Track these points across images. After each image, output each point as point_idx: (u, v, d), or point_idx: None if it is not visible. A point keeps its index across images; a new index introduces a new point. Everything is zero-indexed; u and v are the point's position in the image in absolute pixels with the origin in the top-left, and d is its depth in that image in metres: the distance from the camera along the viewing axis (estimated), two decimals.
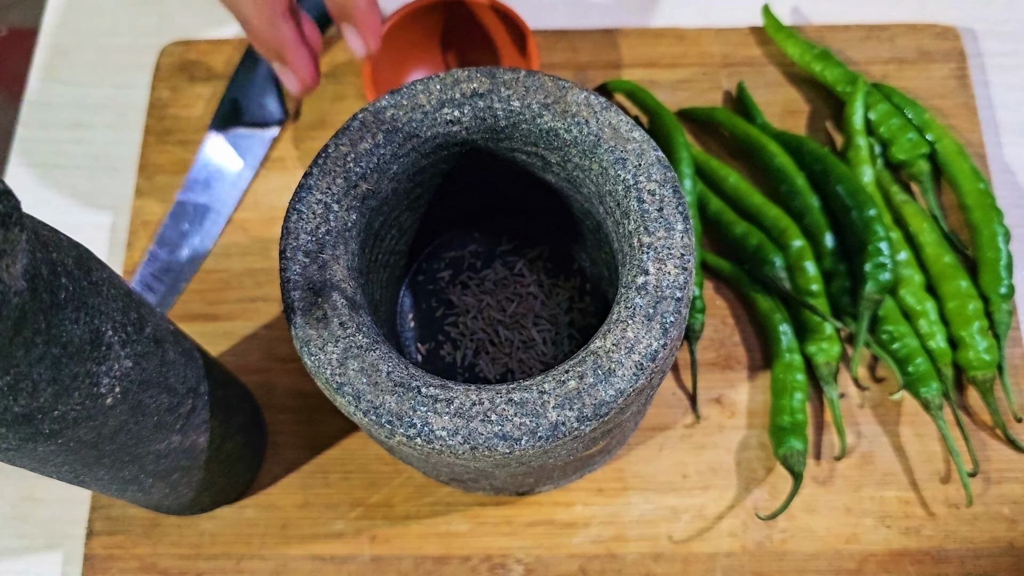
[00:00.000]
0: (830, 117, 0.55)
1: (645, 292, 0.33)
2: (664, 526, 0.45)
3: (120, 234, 0.53)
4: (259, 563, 0.45)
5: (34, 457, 0.31)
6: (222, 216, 0.53)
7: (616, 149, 0.35)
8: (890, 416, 0.47)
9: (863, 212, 0.48)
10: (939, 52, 0.56)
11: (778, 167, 0.51)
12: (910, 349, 0.47)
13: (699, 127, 0.55)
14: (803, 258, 0.48)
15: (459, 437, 0.31)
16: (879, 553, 0.45)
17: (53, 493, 0.47)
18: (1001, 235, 0.49)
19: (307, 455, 0.47)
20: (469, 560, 0.45)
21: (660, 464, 0.47)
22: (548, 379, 0.32)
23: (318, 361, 0.32)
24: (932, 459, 0.47)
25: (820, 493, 0.46)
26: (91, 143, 0.56)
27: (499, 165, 0.40)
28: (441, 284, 0.48)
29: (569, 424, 0.31)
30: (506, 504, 0.46)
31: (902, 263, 0.48)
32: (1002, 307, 0.48)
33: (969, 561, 0.44)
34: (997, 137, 0.55)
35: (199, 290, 0.51)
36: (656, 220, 0.34)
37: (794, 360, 0.47)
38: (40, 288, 0.26)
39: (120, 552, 0.45)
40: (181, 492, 0.41)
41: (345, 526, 0.46)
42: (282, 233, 0.35)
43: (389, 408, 0.32)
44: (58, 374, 0.27)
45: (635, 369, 0.32)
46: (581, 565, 0.45)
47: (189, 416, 0.37)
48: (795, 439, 0.45)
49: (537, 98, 0.36)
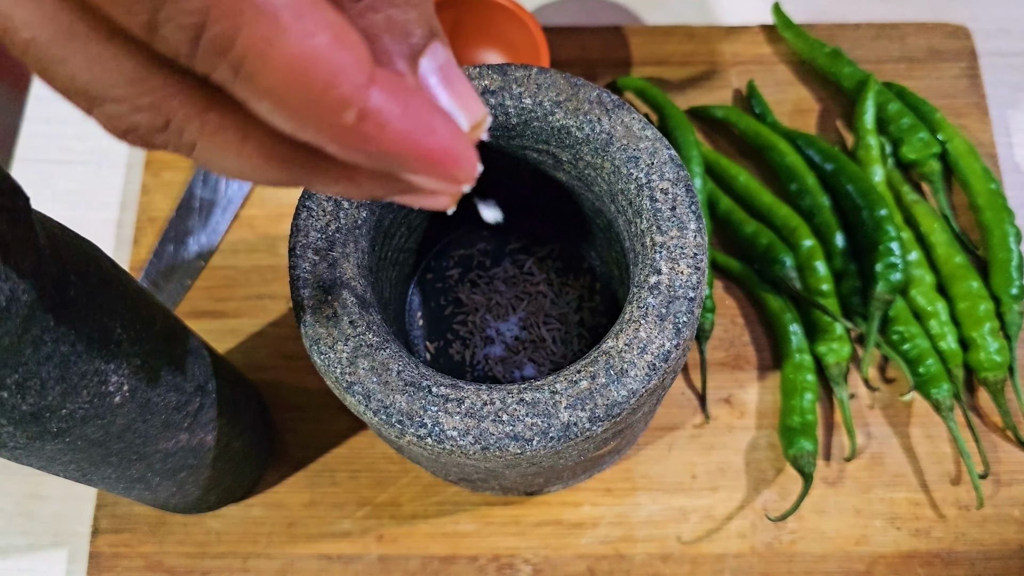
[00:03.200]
0: (840, 116, 0.55)
1: (658, 292, 0.33)
2: (673, 527, 0.45)
3: (126, 230, 0.53)
4: (265, 562, 0.45)
5: (42, 455, 0.30)
6: (229, 212, 0.52)
7: (628, 147, 0.35)
8: (900, 417, 0.47)
9: (874, 212, 0.48)
10: (950, 51, 0.56)
11: (788, 166, 0.51)
12: (921, 350, 0.47)
13: (709, 125, 0.55)
14: (813, 258, 0.48)
15: (470, 437, 0.31)
16: (889, 555, 0.44)
17: (58, 490, 0.47)
18: (1012, 236, 0.48)
19: (314, 454, 0.47)
20: (477, 560, 0.45)
21: (669, 464, 0.46)
22: (560, 379, 0.32)
23: (328, 360, 0.32)
24: (942, 460, 0.46)
25: (830, 494, 0.46)
26: (97, 139, 0.56)
27: (510, 163, 0.40)
28: (450, 282, 0.48)
29: (581, 425, 0.31)
30: (514, 504, 0.46)
31: (913, 263, 0.48)
32: (1013, 308, 0.47)
33: (979, 563, 0.44)
34: (1008, 137, 0.54)
35: (206, 287, 0.51)
36: (669, 219, 0.34)
37: (804, 360, 0.47)
38: (49, 286, 0.26)
39: (126, 550, 0.45)
40: (188, 490, 0.40)
41: (352, 525, 0.45)
42: (292, 230, 0.34)
43: (400, 408, 0.31)
44: (66, 372, 0.27)
45: (648, 369, 0.31)
46: (589, 565, 0.44)
47: (197, 414, 0.36)
48: (805, 440, 0.45)
49: (549, 95, 0.36)
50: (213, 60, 0.15)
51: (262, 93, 0.15)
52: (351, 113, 0.16)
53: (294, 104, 0.15)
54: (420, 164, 0.17)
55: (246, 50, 0.15)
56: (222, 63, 0.15)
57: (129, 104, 0.16)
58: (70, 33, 0.16)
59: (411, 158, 0.17)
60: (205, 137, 0.17)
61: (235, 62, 0.15)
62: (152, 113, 0.17)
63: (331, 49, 0.15)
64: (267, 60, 0.15)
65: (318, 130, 0.16)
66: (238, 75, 0.15)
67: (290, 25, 0.15)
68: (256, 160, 0.17)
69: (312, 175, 0.18)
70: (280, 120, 0.16)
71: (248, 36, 0.15)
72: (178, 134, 0.17)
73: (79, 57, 0.16)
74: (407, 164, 0.17)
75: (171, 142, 0.17)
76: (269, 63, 0.15)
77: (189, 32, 0.15)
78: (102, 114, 0.17)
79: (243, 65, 0.15)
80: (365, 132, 0.16)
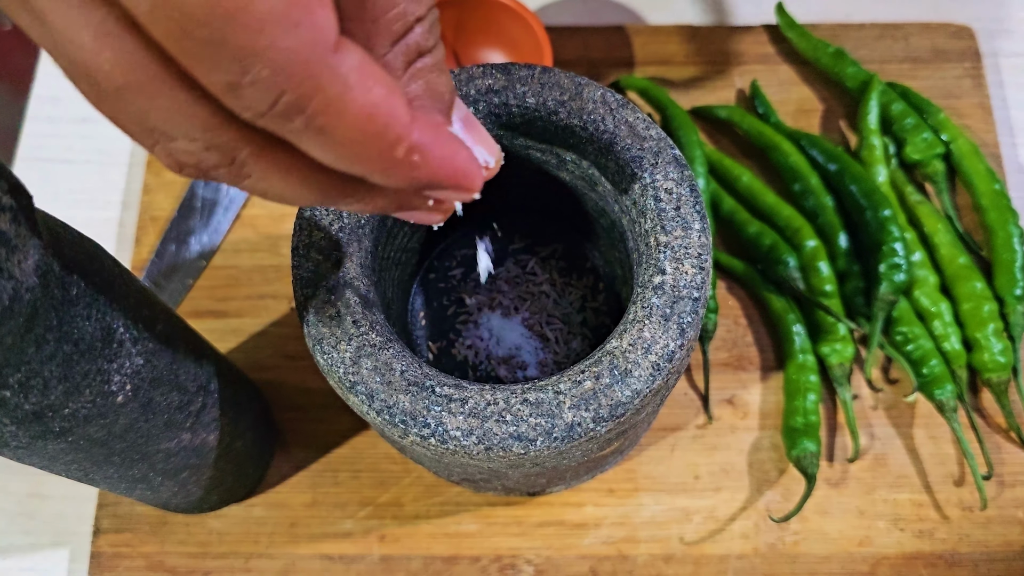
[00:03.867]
0: (844, 116, 0.55)
1: (662, 292, 0.32)
2: (675, 527, 0.45)
3: (128, 230, 0.53)
4: (267, 562, 0.45)
5: (44, 455, 0.30)
6: (231, 212, 0.52)
7: (632, 147, 0.35)
8: (904, 418, 0.47)
9: (877, 212, 0.48)
10: (954, 51, 0.56)
11: (792, 166, 0.51)
12: (924, 351, 0.46)
13: (712, 125, 0.55)
14: (817, 258, 0.48)
15: (473, 437, 0.31)
16: (892, 556, 0.44)
17: (60, 490, 0.47)
18: (1016, 236, 0.48)
19: (316, 454, 0.47)
20: (479, 560, 0.45)
21: (672, 465, 0.46)
22: (564, 379, 0.32)
23: (331, 359, 0.32)
24: (946, 462, 0.46)
25: (833, 495, 0.46)
26: (99, 138, 0.55)
27: (513, 162, 0.40)
28: (453, 282, 0.48)
29: (585, 425, 0.31)
30: (516, 504, 0.46)
31: (917, 264, 0.48)
32: (1017, 309, 0.47)
33: (983, 565, 0.44)
34: (1012, 137, 0.54)
35: (208, 287, 0.51)
36: (673, 219, 0.34)
37: (807, 361, 0.47)
38: (52, 284, 0.26)
39: (127, 550, 0.45)
40: (190, 490, 0.40)
41: (354, 525, 0.45)
42: (295, 229, 0.34)
43: (403, 407, 0.31)
44: (69, 371, 0.27)
45: (652, 370, 0.31)
46: (592, 566, 0.44)
47: (199, 414, 0.36)
48: (808, 440, 0.45)
49: (553, 95, 0.36)
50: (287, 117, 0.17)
51: (333, 141, 0.18)
52: (402, 148, 0.19)
53: (357, 146, 0.18)
54: (447, 183, 0.21)
55: (323, 107, 0.17)
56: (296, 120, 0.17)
57: (201, 145, 0.19)
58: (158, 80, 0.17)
59: (443, 178, 0.21)
60: (260, 171, 0.19)
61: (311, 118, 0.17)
62: (220, 153, 0.19)
63: (386, 100, 0.18)
64: (341, 116, 0.18)
65: (372, 163, 0.19)
66: (308, 127, 0.18)
67: (355, 83, 0.17)
68: (297, 187, 0.20)
69: (340, 196, 0.21)
70: (336, 157, 0.19)
71: (323, 98, 0.17)
72: (238, 169, 0.19)
73: (159, 102, 0.17)
74: (438, 183, 0.21)
75: (229, 175, 0.20)
76: (343, 117, 0.18)
77: (272, 95, 0.17)
78: (166, 150, 0.19)
79: (316, 120, 0.17)
80: (411, 162, 0.20)
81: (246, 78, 0.16)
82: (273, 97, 0.17)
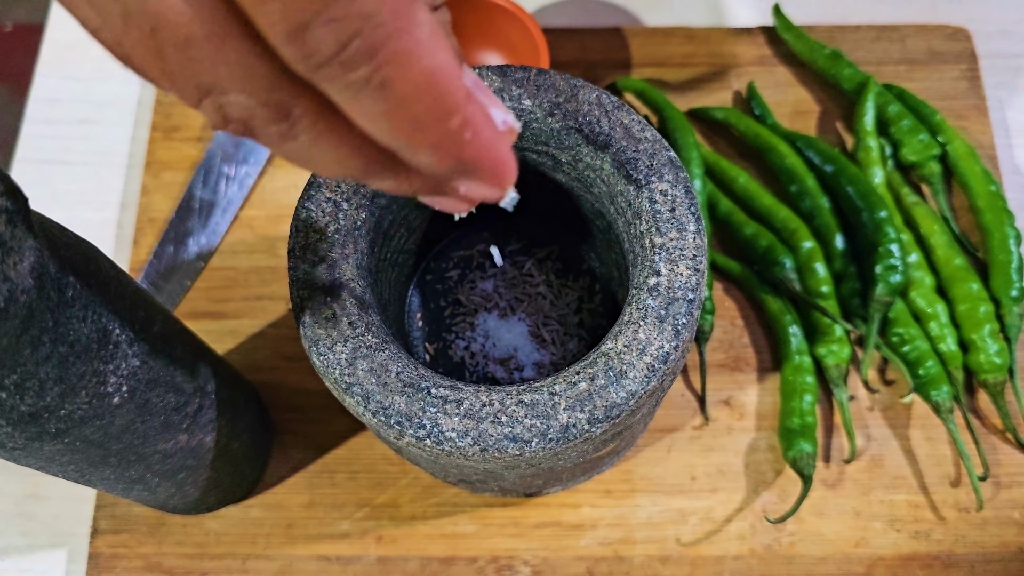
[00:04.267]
0: (840, 118, 0.55)
1: (657, 293, 0.33)
2: (672, 528, 0.45)
3: (126, 231, 0.53)
4: (264, 563, 0.45)
5: (40, 456, 0.30)
6: (229, 214, 0.52)
7: (628, 149, 0.35)
8: (900, 419, 0.47)
9: (874, 214, 0.48)
10: (950, 53, 0.56)
11: (788, 168, 0.51)
12: (920, 352, 0.46)
13: (709, 127, 0.55)
14: (813, 259, 0.48)
15: (469, 439, 0.31)
16: (888, 557, 0.44)
17: (58, 491, 0.47)
18: (1012, 237, 0.48)
19: (313, 455, 0.47)
20: (476, 561, 0.45)
21: (668, 466, 0.46)
22: (559, 380, 0.32)
23: (327, 361, 0.32)
24: (942, 463, 0.46)
25: (829, 496, 0.46)
26: (97, 139, 0.56)
27: None
28: (449, 284, 0.48)
29: (580, 426, 0.31)
30: (513, 505, 0.46)
31: (913, 265, 0.48)
32: (1013, 310, 0.47)
33: (979, 566, 0.44)
34: (1008, 139, 0.54)
35: (205, 288, 0.51)
36: (668, 221, 0.34)
37: (804, 362, 0.47)
38: (48, 286, 0.26)
39: (125, 551, 0.45)
40: (187, 491, 0.40)
41: (351, 526, 0.45)
42: (291, 231, 0.34)
43: (399, 409, 0.31)
44: (65, 373, 0.27)
45: (647, 371, 0.31)
46: (588, 567, 0.44)
47: (196, 415, 0.36)
48: (804, 442, 0.45)
49: (548, 97, 0.36)
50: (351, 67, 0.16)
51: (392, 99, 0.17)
52: (457, 119, 0.18)
53: (417, 107, 0.17)
54: (487, 168, 0.20)
55: (392, 58, 0.16)
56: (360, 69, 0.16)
57: (258, 99, 0.18)
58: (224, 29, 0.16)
59: (486, 163, 0.20)
60: (313, 134, 0.19)
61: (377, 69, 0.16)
62: (275, 110, 0.18)
63: (450, 66, 0.17)
64: (406, 70, 0.17)
65: (426, 132, 0.18)
66: (370, 81, 0.17)
67: (426, 42, 0.17)
68: (346, 154, 0.19)
69: (380, 171, 0.20)
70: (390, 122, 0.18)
71: (394, 49, 0.16)
72: (289, 128, 0.18)
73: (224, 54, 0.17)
74: (479, 168, 0.20)
75: (279, 134, 0.19)
76: (407, 73, 0.17)
77: (344, 36, 0.16)
78: (216, 103, 0.18)
79: (381, 71, 0.16)
80: (462, 138, 0.19)
81: (323, 16, 0.15)
82: (345, 39, 0.16)
